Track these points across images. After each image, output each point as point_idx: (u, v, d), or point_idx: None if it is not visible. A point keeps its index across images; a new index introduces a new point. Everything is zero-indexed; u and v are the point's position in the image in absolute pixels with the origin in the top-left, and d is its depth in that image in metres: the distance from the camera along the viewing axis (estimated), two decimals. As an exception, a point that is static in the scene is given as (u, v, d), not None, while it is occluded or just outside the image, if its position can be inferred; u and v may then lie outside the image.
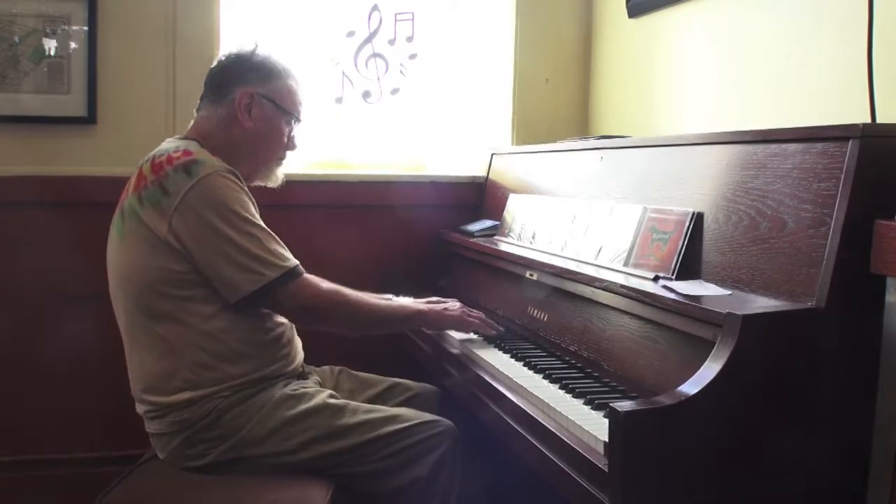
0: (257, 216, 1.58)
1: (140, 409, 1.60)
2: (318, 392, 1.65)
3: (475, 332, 1.79)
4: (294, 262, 1.58)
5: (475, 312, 1.81)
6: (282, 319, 1.67)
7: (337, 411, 1.60)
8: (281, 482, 1.51)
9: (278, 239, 1.60)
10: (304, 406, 1.58)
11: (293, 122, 1.76)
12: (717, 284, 1.34)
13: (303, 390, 1.63)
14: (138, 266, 1.54)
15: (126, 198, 1.59)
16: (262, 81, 1.70)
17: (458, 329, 1.80)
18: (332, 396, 1.65)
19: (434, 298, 1.93)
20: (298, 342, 1.75)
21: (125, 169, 2.22)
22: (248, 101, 1.68)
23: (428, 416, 1.65)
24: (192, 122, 1.75)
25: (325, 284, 1.62)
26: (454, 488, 1.60)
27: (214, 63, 1.75)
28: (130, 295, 1.56)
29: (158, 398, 1.55)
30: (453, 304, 1.81)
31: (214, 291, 1.54)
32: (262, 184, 1.79)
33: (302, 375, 1.73)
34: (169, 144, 1.65)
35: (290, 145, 1.78)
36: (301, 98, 1.77)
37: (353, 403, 1.66)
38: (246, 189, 1.60)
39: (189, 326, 1.54)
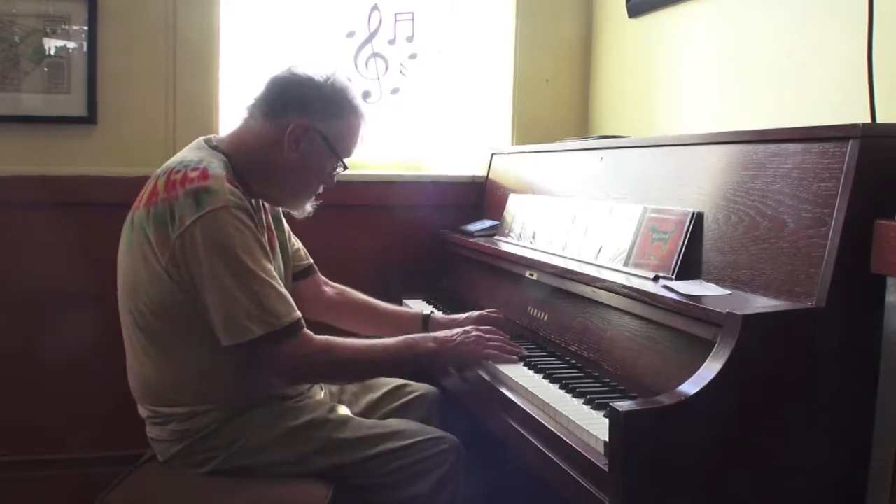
0: (262, 261, 1.47)
1: (142, 412, 1.60)
2: (319, 405, 1.64)
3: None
4: (288, 320, 1.46)
5: (497, 339, 1.65)
6: None
7: (338, 425, 1.57)
8: (281, 485, 1.50)
9: (280, 290, 1.48)
10: (304, 418, 1.56)
11: (339, 164, 1.65)
12: (717, 284, 1.34)
13: (305, 402, 1.62)
14: (140, 285, 1.49)
15: (138, 208, 1.52)
16: (323, 117, 1.58)
17: (474, 361, 1.62)
18: (333, 410, 1.63)
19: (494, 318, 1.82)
20: None
21: (125, 169, 2.25)
22: (300, 133, 1.56)
23: (432, 432, 1.61)
24: (241, 121, 1.64)
25: (315, 343, 1.50)
26: None
27: (282, 72, 1.61)
28: (130, 311, 1.52)
29: (158, 407, 1.54)
30: (467, 338, 1.63)
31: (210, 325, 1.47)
32: (288, 211, 1.72)
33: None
34: (192, 155, 1.55)
35: (328, 181, 1.67)
36: (360, 137, 1.66)
37: (357, 419, 1.64)
38: (256, 225, 1.50)
39: (187, 356, 1.50)
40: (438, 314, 1.97)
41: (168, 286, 1.46)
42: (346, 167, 1.67)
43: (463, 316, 1.87)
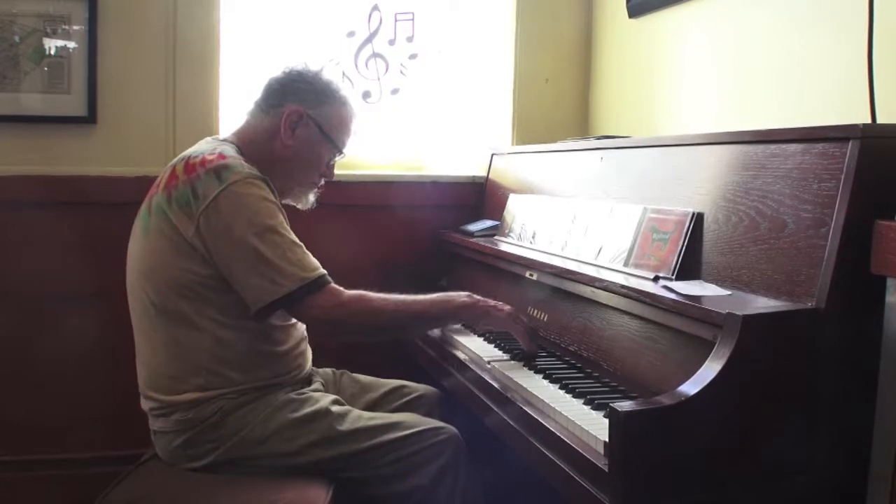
0: (284, 224, 1.55)
1: (145, 405, 1.61)
2: (322, 397, 1.65)
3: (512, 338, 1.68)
4: (316, 273, 1.54)
5: (523, 319, 1.69)
6: (297, 331, 1.67)
7: (339, 417, 1.59)
8: (281, 482, 1.51)
9: (304, 248, 1.56)
10: (307, 409, 1.58)
11: (335, 151, 1.74)
12: (717, 284, 1.34)
13: (307, 394, 1.63)
14: (161, 265, 1.54)
15: (155, 194, 1.58)
16: (315, 104, 1.68)
17: (501, 327, 1.69)
18: (335, 402, 1.64)
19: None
20: (309, 351, 1.74)
21: (125, 169, 2.25)
22: (295, 120, 1.67)
23: (431, 423, 1.63)
24: (242, 122, 1.74)
25: (348, 294, 1.58)
26: (456, 497, 1.58)
27: (276, 73, 1.73)
28: (149, 293, 1.55)
29: (165, 396, 1.55)
30: (501, 305, 1.69)
31: (234, 299, 1.53)
32: (292, 203, 1.77)
33: (308, 380, 1.72)
34: (205, 145, 1.63)
35: (327, 173, 1.76)
36: (351, 130, 1.75)
37: (357, 410, 1.65)
38: (275, 197, 1.58)
39: (204, 332, 1.53)
40: None
41: (191, 261, 1.51)
42: (342, 153, 1.75)
43: None
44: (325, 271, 1.57)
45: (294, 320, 1.65)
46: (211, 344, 1.54)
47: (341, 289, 1.58)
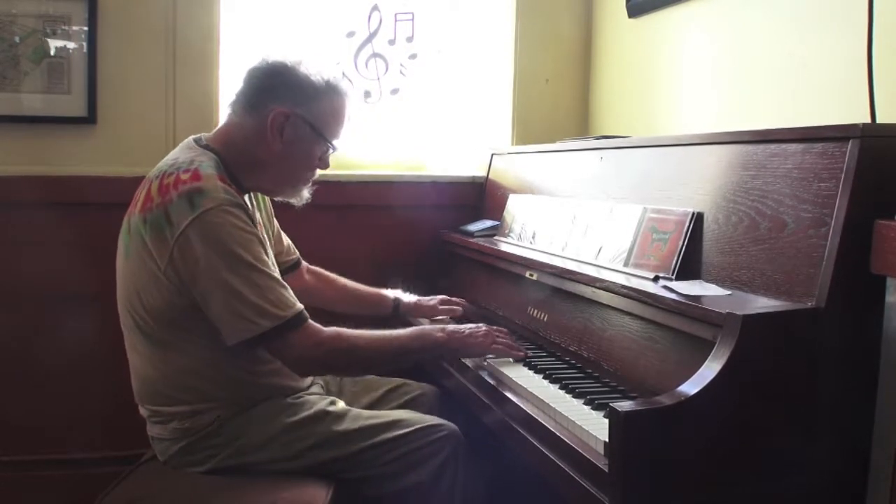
0: (262, 255, 1.48)
1: (143, 411, 1.60)
2: (319, 399, 1.64)
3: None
4: (293, 310, 1.47)
5: (504, 337, 1.67)
6: None
7: (337, 418, 1.58)
8: (281, 482, 1.50)
9: (282, 282, 1.50)
10: (304, 413, 1.57)
11: (328, 146, 1.63)
12: (717, 284, 1.34)
13: (304, 398, 1.63)
14: (141, 289, 1.50)
15: (133, 213, 1.52)
16: (301, 101, 1.56)
17: (481, 356, 1.65)
18: (332, 403, 1.64)
19: (455, 304, 1.94)
20: None
21: (125, 169, 2.25)
22: (282, 122, 1.55)
23: (430, 420, 1.62)
24: (225, 117, 1.64)
25: (327, 332, 1.52)
26: (457, 492, 1.57)
27: (258, 62, 1.60)
28: (132, 313, 1.53)
29: (159, 407, 1.55)
30: (476, 331, 1.65)
31: (214, 326, 1.48)
32: (286, 200, 1.71)
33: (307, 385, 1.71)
34: (184, 155, 1.54)
35: (322, 165, 1.66)
36: (344, 115, 1.63)
37: (355, 410, 1.65)
38: (251, 224, 1.49)
39: (189, 357, 1.51)
40: (406, 297, 2.09)
41: (168, 291, 1.47)
42: (335, 148, 1.66)
43: (427, 298, 2.06)
44: (302, 307, 1.50)
45: None
46: (197, 367, 1.52)
47: (319, 326, 1.52)
